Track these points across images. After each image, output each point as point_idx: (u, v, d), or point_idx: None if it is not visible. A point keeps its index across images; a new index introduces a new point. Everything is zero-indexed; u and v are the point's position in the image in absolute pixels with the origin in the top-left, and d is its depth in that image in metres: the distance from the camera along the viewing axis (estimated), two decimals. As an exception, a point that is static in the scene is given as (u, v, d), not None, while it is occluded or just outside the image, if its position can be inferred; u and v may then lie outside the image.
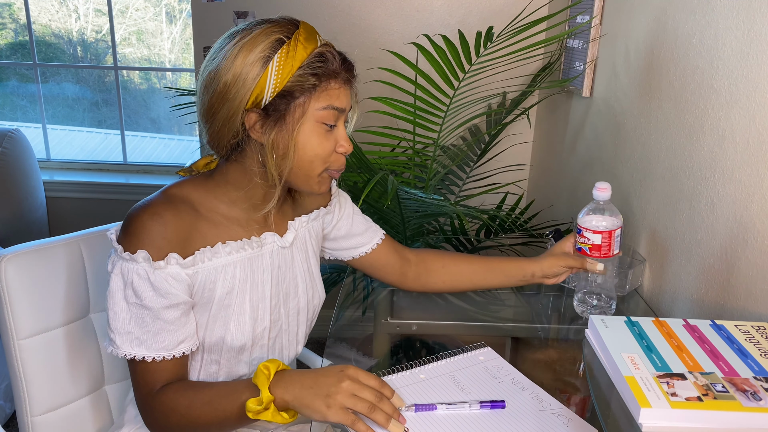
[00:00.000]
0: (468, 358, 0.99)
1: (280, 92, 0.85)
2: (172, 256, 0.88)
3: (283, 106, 0.86)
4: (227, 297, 0.93)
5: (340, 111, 0.90)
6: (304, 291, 1.04)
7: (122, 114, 2.91)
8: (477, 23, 2.26)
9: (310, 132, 0.88)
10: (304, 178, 0.92)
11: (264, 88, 0.85)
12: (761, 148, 0.93)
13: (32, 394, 1.04)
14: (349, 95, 0.92)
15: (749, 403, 0.68)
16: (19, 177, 2.51)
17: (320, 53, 0.87)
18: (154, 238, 0.87)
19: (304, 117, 0.87)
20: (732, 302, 0.99)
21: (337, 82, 0.88)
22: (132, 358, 0.88)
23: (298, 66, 0.85)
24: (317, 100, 0.87)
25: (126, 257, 0.87)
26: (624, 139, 1.44)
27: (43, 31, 3.09)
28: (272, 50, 0.85)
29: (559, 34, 1.86)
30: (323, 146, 0.90)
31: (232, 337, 0.94)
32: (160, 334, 0.88)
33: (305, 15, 2.31)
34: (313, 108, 0.87)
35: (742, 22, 0.98)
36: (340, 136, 0.92)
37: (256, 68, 0.84)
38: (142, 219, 0.88)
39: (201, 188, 0.94)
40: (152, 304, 0.87)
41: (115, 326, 0.88)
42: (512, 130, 2.33)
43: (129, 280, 0.87)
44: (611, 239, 1.03)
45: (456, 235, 1.90)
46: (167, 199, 0.91)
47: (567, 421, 0.83)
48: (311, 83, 0.86)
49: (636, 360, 0.76)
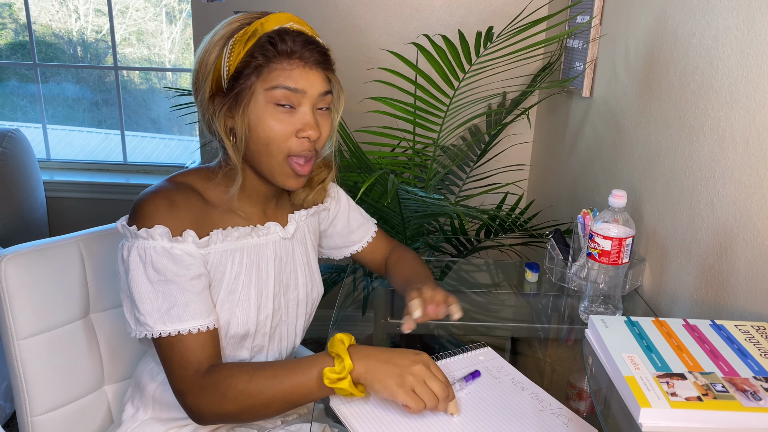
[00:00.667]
0: (468, 358, 0.99)
1: (233, 74, 0.86)
2: (188, 233, 0.89)
3: (236, 87, 0.87)
4: (235, 282, 0.94)
5: (293, 91, 0.86)
6: (304, 283, 1.06)
7: (122, 114, 2.91)
8: (477, 23, 2.26)
9: (262, 112, 0.87)
10: (267, 164, 0.90)
11: (220, 71, 0.87)
12: (761, 148, 0.93)
13: (32, 394, 1.04)
14: (314, 78, 0.88)
15: (749, 403, 0.68)
16: (19, 177, 2.51)
17: (272, 35, 0.86)
18: (168, 217, 0.88)
19: (253, 97, 0.87)
20: (732, 302, 0.99)
21: (291, 63, 0.86)
22: (167, 336, 0.86)
23: (250, 46, 0.86)
24: (265, 80, 0.86)
25: (143, 235, 0.86)
26: (624, 139, 1.44)
27: (43, 31, 3.09)
28: (231, 34, 0.87)
29: (559, 34, 1.86)
30: (278, 128, 0.87)
31: (237, 323, 0.95)
32: (190, 305, 0.87)
33: (305, 15, 2.31)
34: (261, 87, 0.87)
35: (742, 22, 0.98)
36: (302, 121, 0.88)
37: (215, 52, 0.87)
38: (153, 201, 0.88)
39: (202, 177, 0.96)
40: (176, 277, 0.87)
41: (144, 308, 0.86)
42: (512, 130, 2.33)
43: (148, 260, 0.86)
44: (621, 247, 1.03)
45: (456, 235, 1.90)
46: (174, 185, 0.92)
47: (567, 420, 0.83)
48: (258, 63, 0.86)
49: (636, 360, 0.76)
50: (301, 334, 1.09)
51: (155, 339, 0.88)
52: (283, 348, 1.05)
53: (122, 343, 1.16)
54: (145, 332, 0.87)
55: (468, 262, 1.58)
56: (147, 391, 1.02)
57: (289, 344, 1.07)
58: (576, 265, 1.28)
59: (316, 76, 0.88)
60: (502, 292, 1.35)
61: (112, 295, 1.14)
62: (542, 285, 1.36)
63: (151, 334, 0.87)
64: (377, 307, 1.27)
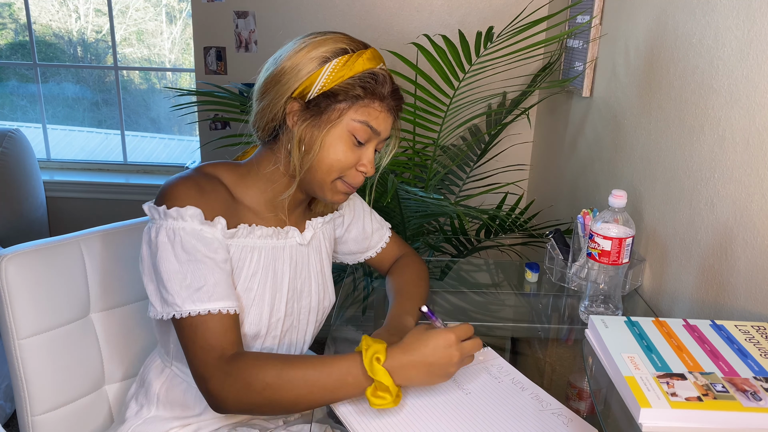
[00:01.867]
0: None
1: (325, 91, 0.90)
2: (219, 220, 0.90)
3: (324, 104, 0.90)
4: (251, 280, 0.95)
5: (374, 132, 0.93)
6: (317, 291, 1.06)
7: (122, 114, 2.91)
8: (477, 23, 2.27)
9: (338, 137, 0.91)
10: (320, 180, 0.94)
11: (313, 83, 0.90)
12: (761, 148, 0.93)
13: (33, 394, 1.04)
14: (390, 124, 0.95)
15: (749, 403, 0.68)
16: (19, 177, 2.51)
17: (376, 73, 0.92)
18: (199, 201, 0.89)
19: (338, 121, 0.91)
20: (732, 302, 0.99)
21: (382, 105, 0.92)
22: (194, 317, 0.85)
23: (351, 75, 0.90)
24: (356, 111, 0.91)
25: (173, 215, 0.86)
26: (624, 139, 1.44)
27: (43, 31, 3.09)
28: (334, 55, 0.90)
29: (559, 34, 1.86)
30: (346, 156, 0.92)
31: (250, 322, 0.95)
32: (219, 286, 0.87)
33: (305, 15, 2.31)
34: (349, 117, 0.91)
35: (742, 22, 0.98)
36: (366, 156, 0.94)
37: (313, 64, 0.90)
38: (185, 184, 0.89)
39: (232, 172, 0.97)
40: (205, 258, 0.87)
41: (172, 287, 0.86)
42: (512, 130, 2.33)
43: (177, 240, 0.86)
44: (621, 247, 1.03)
45: (456, 235, 1.90)
46: (203, 175, 0.93)
47: (567, 420, 0.83)
48: (356, 93, 0.90)
49: (636, 360, 0.76)
50: (309, 341, 1.09)
51: (179, 321, 0.87)
52: (291, 353, 1.05)
53: (123, 342, 1.16)
54: (173, 312, 0.86)
55: (468, 262, 1.58)
56: (152, 389, 1.02)
57: (297, 350, 1.07)
58: (576, 265, 1.28)
59: (390, 123, 0.95)
60: (502, 292, 1.35)
61: (112, 295, 1.14)
62: (542, 285, 1.36)
63: (180, 314, 0.85)
64: (377, 307, 1.27)
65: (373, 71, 0.92)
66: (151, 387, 1.02)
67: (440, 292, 1.33)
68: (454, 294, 1.33)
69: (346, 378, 0.82)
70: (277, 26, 2.34)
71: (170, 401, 1.01)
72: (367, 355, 0.81)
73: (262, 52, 2.39)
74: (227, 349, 0.86)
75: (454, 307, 1.27)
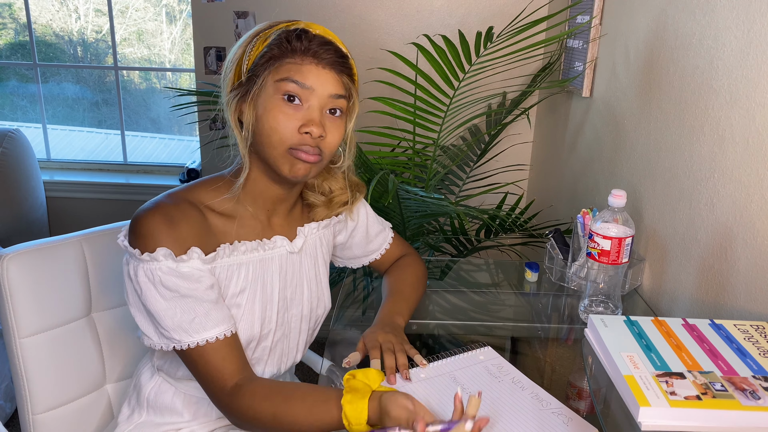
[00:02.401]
0: (468, 357, 0.99)
1: (250, 67, 0.88)
2: (193, 251, 0.88)
3: (251, 82, 0.88)
4: (239, 296, 0.94)
5: (300, 85, 0.86)
6: (309, 299, 1.04)
7: (122, 114, 2.91)
8: (477, 23, 2.27)
9: (270, 105, 0.87)
10: (270, 155, 0.89)
11: (240, 68, 0.89)
12: (761, 148, 0.93)
13: (34, 393, 1.04)
14: (327, 79, 0.88)
15: (748, 402, 0.68)
16: (19, 177, 2.51)
17: (289, 31, 0.87)
18: (169, 235, 0.86)
19: (263, 88, 0.87)
20: (731, 302, 1.00)
21: (304, 58, 0.87)
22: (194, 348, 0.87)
23: (269, 41, 0.88)
24: (276, 71, 0.87)
25: (146, 258, 0.85)
26: (624, 139, 1.44)
27: (43, 31, 3.09)
28: (258, 33, 0.90)
29: (559, 34, 1.86)
30: (282, 121, 0.87)
31: (240, 336, 0.94)
32: (211, 314, 0.88)
33: (305, 15, 2.31)
34: (272, 79, 0.87)
35: (742, 22, 0.98)
36: (306, 116, 0.87)
37: (241, 49, 0.90)
38: (153, 218, 0.87)
39: (208, 189, 0.94)
40: (190, 291, 0.87)
41: (167, 324, 0.87)
42: (512, 130, 2.34)
43: (157, 280, 0.86)
44: (621, 247, 1.03)
45: (456, 234, 1.90)
46: (172, 200, 0.90)
47: (567, 420, 0.84)
48: (272, 54, 0.87)
49: (635, 359, 0.77)
50: (303, 349, 1.07)
51: (179, 352, 0.89)
52: (283, 363, 1.04)
53: (124, 341, 1.16)
54: (173, 344, 0.88)
55: (468, 262, 1.58)
56: (143, 393, 1.02)
57: (289, 360, 1.05)
58: (576, 264, 1.28)
59: (328, 76, 0.88)
60: (502, 292, 1.35)
61: (113, 295, 1.15)
62: (542, 285, 1.36)
63: (180, 347, 0.87)
64: (377, 307, 1.27)
65: (286, 29, 0.87)
66: (142, 391, 1.02)
67: (440, 292, 1.33)
68: (454, 294, 1.33)
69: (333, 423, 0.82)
70: (277, 26, 2.33)
71: (159, 406, 1.01)
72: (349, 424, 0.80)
73: (262, 52, 2.38)
74: (227, 381, 0.88)
75: (454, 307, 1.27)
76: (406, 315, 1.08)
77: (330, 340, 1.10)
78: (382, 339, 0.97)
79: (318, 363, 1.06)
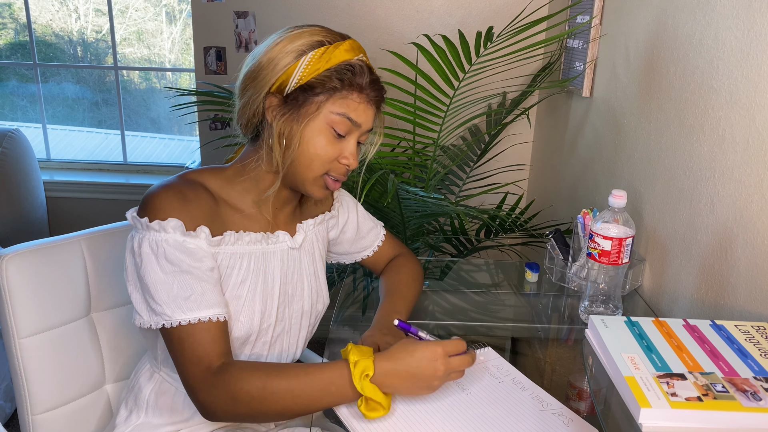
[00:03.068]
0: (468, 357, 0.99)
1: (302, 85, 0.89)
2: (202, 229, 0.89)
3: (302, 98, 0.89)
4: (240, 287, 0.94)
5: (354, 124, 0.92)
6: (309, 294, 1.05)
7: (122, 114, 2.91)
8: (477, 23, 2.27)
9: (318, 131, 0.90)
10: (302, 175, 0.93)
11: (290, 76, 0.89)
12: (761, 148, 0.93)
13: (33, 393, 1.04)
14: (370, 115, 0.94)
15: (749, 403, 0.68)
16: (19, 177, 2.51)
17: (353, 64, 0.90)
18: (181, 211, 0.88)
19: (316, 114, 0.90)
20: (732, 302, 0.99)
21: (360, 97, 0.91)
22: (183, 326, 0.85)
23: (327, 67, 0.89)
24: (334, 103, 0.90)
25: (155, 227, 0.86)
26: (624, 139, 1.44)
27: (43, 31, 3.09)
28: (309, 47, 0.90)
29: (559, 34, 1.86)
30: (326, 150, 0.91)
31: (239, 327, 0.94)
32: (207, 295, 0.87)
33: (305, 15, 2.31)
34: (327, 109, 0.90)
35: (742, 22, 0.98)
36: (347, 149, 0.93)
37: (289, 57, 0.89)
38: (166, 194, 0.88)
39: (218, 177, 0.96)
40: (191, 268, 0.87)
41: (159, 298, 0.86)
42: (512, 130, 2.33)
43: (161, 252, 0.86)
44: (621, 247, 1.03)
45: (456, 234, 1.90)
46: (185, 182, 0.92)
47: (567, 421, 0.84)
48: (333, 85, 0.89)
49: (636, 360, 0.76)
50: (302, 345, 1.08)
51: (167, 331, 0.87)
52: (283, 359, 1.04)
53: (123, 342, 1.16)
54: (162, 322, 0.86)
55: (468, 262, 1.58)
56: (143, 394, 1.02)
57: (289, 355, 1.06)
58: (576, 265, 1.28)
59: (371, 113, 0.94)
60: (502, 292, 1.35)
61: (113, 295, 1.14)
62: (542, 285, 1.36)
63: (170, 323, 0.86)
64: (377, 307, 1.27)
65: (350, 62, 0.90)
66: (141, 392, 1.02)
67: (440, 292, 1.33)
68: (454, 294, 1.33)
69: (329, 387, 0.82)
70: (277, 26, 2.33)
71: (160, 406, 1.01)
72: (356, 373, 0.81)
73: (262, 52, 2.38)
74: (214, 360, 0.86)
75: (454, 307, 1.27)
76: (404, 314, 1.08)
77: (329, 339, 1.10)
78: (381, 341, 0.97)
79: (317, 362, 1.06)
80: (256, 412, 0.84)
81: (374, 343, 0.97)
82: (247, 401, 0.83)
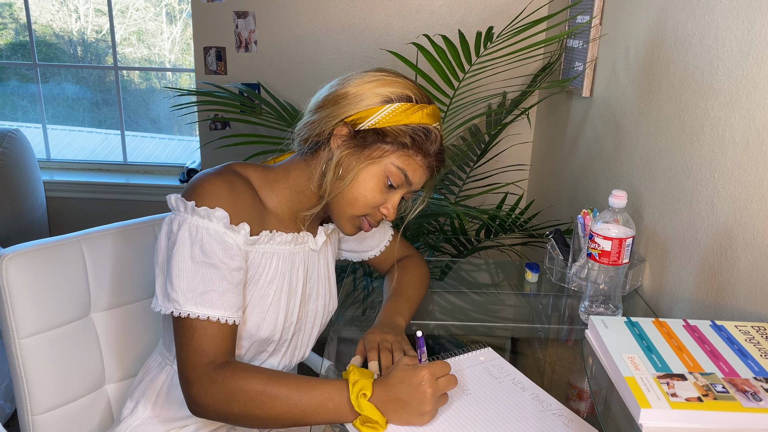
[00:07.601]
0: (468, 358, 0.99)
1: (377, 128, 0.91)
2: (244, 226, 0.90)
3: (371, 139, 0.92)
4: (269, 286, 0.95)
5: (407, 181, 0.94)
6: (323, 295, 1.07)
7: (122, 114, 2.91)
8: (477, 23, 2.27)
9: (373, 175, 0.93)
10: (342, 209, 0.95)
11: (369, 116, 0.91)
12: (761, 148, 0.93)
13: (33, 393, 1.04)
14: (424, 180, 0.97)
15: (749, 403, 0.68)
16: (19, 177, 2.51)
17: (429, 130, 0.93)
18: (229, 203, 0.89)
19: (379, 159, 0.92)
20: (732, 302, 0.99)
21: (423, 161, 0.94)
22: (193, 318, 0.85)
23: (406, 123, 0.91)
24: (398, 157, 0.92)
25: (201, 212, 0.86)
26: (624, 139, 1.44)
27: (43, 31, 3.09)
28: (398, 98, 0.92)
29: (559, 34, 1.86)
30: (374, 195, 0.93)
31: (266, 327, 0.95)
32: (226, 295, 0.87)
33: (305, 15, 2.31)
34: (390, 159, 0.92)
35: (742, 22, 0.98)
36: (392, 201, 0.95)
37: (376, 99, 0.92)
38: (218, 183, 0.89)
39: (261, 175, 0.98)
40: (221, 263, 0.87)
41: (179, 284, 0.86)
42: (512, 130, 2.33)
43: (198, 238, 0.86)
44: (621, 247, 1.03)
45: (456, 235, 1.90)
46: (235, 175, 0.93)
47: (567, 421, 0.84)
48: (404, 141, 0.92)
49: (636, 360, 0.76)
50: (312, 344, 1.10)
51: (177, 320, 0.87)
52: (295, 357, 1.06)
53: (123, 342, 1.16)
54: (172, 309, 0.86)
55: (468, 262, 1.58)
56: (155, 384, 1.02)
57: (300, 353, 1.07)
58: (576, 265, 1.28)
59: (425, 177, 0.97)
60: (502, 292, 1.35)
61: (113, 295, 1.14)
62: (542, 285, 1.36)
63: (179, 312, 0.86)
64: (377, 307, 1.27)
65: (427, 127, 0.93)
66: (154, 382, 1.02)
67: (440, 292, 1.33)
68: (454, 294, 1.33)
69: (326, 403, 0.83)
70: (277, 26, 2.34)
71: (170, 399, 1.01)
72: (353, 391, 0.82)
73: (262, 52, 2.39)
74: (219, 356, 0.86)
75: (454, 307, 1.27)
76: (407, 315, 1.08)
77: (330, 340, 1.10)
78: (380, 339, 0.98)
79: (318, 363, 1.06)
80: (249, 414, 0.83)
81: (373, 341, 0.98)
82: (244, 402, 0.83)
